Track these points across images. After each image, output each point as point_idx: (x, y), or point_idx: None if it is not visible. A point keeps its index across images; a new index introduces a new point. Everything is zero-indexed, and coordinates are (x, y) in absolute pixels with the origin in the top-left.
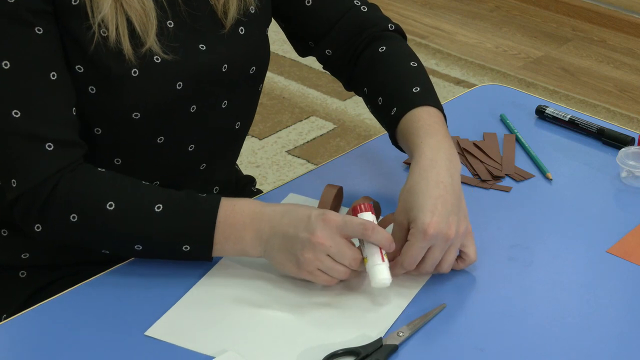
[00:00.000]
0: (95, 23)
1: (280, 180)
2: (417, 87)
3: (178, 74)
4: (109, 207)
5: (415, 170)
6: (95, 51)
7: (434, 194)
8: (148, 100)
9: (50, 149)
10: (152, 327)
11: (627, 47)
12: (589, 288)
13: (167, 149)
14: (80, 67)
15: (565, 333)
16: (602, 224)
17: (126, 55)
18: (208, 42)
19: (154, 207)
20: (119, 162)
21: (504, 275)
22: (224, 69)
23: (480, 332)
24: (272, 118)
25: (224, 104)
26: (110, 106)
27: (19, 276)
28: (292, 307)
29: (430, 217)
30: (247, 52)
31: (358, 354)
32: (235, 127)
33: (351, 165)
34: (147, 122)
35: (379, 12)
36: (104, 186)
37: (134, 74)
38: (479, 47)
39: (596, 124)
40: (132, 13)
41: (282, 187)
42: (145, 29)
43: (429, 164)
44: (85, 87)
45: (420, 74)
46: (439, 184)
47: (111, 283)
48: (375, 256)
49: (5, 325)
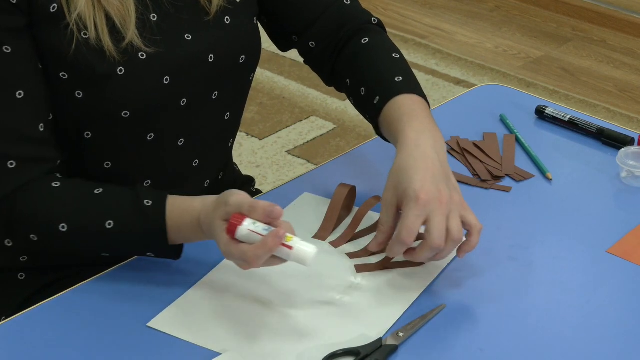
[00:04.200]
0: (72, 21)
1: (280, 180)
2: (399, 76)
3: (164, 68)
4: (62, 228)
5: (402, 151)
6: (76, 52)
7: (422, 167)
8: (136, 97)
9: (12, 166)
10: (155, 319)
11: (627, 47)
12: (589, 288)
13: (158, 146)
14: (64, 73)
15: (565, 333)
16: (602, 224)
17: (107, 52)
18: (193, 32)
19: (105, 224)
20: (108, 165)
21: (504, 275)
22: (210, 59)
23: (480, 332)
24: (272, 118)
25: (214, 95)
26: (99, 108)
27: (18, 278)
28: (292, 307)
29: (420, 185)
30: (234, 41)
31: (358, 354)
32: (225, 118)
33: (351, 165)
34: (136, 120)
35: (360, 6)
36: (56, 206)
37: (119, 72)
38: (478, 47)
39: (596, 124)
40: (110, 8)
41: (282, 187)
42: (124, 22)
43: (414, 144)
44: (72, 93)
45: (403, 65)
46: (427, 159)
47: (111, 283)
48: (281, 251)
49: (4, 326)
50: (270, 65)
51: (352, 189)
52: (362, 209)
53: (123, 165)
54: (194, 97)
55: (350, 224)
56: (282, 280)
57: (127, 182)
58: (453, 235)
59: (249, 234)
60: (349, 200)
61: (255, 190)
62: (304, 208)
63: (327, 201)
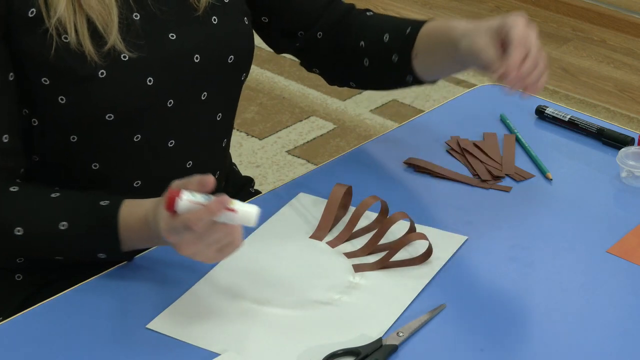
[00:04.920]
0: (52, 26)
1: (280, 180)
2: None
3: (147, 69)
4: (17, 232)
5: (469, 23)
6: (56, 56)
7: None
8: (119, 100)
9: None
10: (154, 320)
11: (627, 47)
12: (589, 288)
13: (146, 147)
14: (45, 79)
15: (565, 333)
16: (602, 224)
17: (88, 57)
18: (178, 32)
19: (59, 226)
20: (96, 166)
21: (504, 275)
22: (196, 59)
23: (480, 332)
24: (272, 118)
25: (203, 95)
26: (83, 112)
27: (15, 279)
28: (292, 307)
29: (521, 26)
30: (222, 41)
31: (358, 354)
32: (217, 119)
33: (351, 165)
34: (121, 122)
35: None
36: (12, 211)
37: (101, 75)
38: None
39: (596, 124)
40: (91, 12)
41: (282, 188)
42: (106, 26)
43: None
44: (55, 99)
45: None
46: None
47: (111, 283)
48: (226, 216)
49: (4, 326)
50: (270, 65)
51: (348, 189)
52: (360, 208)
53: (112, 166)
54: (181, 98)
55: (348, 223)
56: (281, 280)
57: (117, 184)
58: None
59: (190, 205)
60: (345, 200)
61: (255, 191)
62: (300, 208)
63: (323, 201)
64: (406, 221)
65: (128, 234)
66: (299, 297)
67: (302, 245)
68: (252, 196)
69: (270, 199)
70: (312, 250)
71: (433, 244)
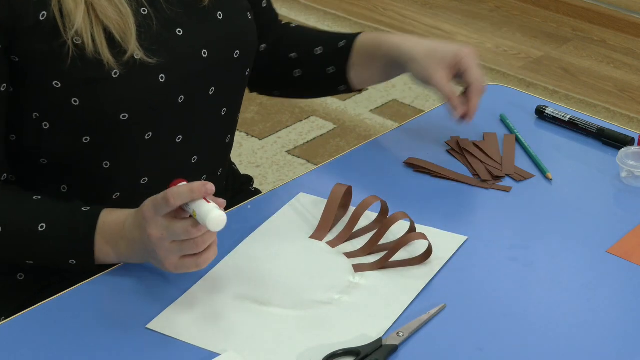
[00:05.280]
0: (70, 38)
1: (280, 180)
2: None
3: (158, 67)
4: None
5: (406, 40)
6: (72, 65)
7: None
8: (133, 99)
9: None
10: (154, 320)
11: (627, 47)
12: (589, 288)
13: (157, 144)
14: (57, 82)
15: (565, 333)
16: (602, 224)
17: (107, 65)
18: (185, 27)
19: (38, 227)
20: (107, 165)
21: (504, 275)
22: (204, 54)
23: (480, 332)
24: (272, 118)
25: (211, 90)
26: (96, 113)
27: (17, 278)
28: (292, 307)
29: (476, 68)
30: (228, 36)
31: (358, 354)
32: (222, 114)
33: (351, 165)
34: (135, 121)
35: None
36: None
37: (114, 75)
38: (479, 47)
39: (596, 124)
40: (109, 22)
41: (282, 188)
42: (124, 35)
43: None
44: (67, 100)
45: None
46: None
47: (111, 283)
48: (201, 205)
49: (4, 326)
50: None
51: (348, 189)
52: (359, 208)
53: (121, 165)
54: (191, 94)
55: (347, 223)
56: (281, 280)
57: (124, 181)
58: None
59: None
60: (345, 200)
61: (254, 190)
62: (300, 208)
63: (323, 201)
64: (406, 221)
65: (104, 237)
66: (299, 297)
67: (302, 245)
68: (252, 195)
69: (270, 199)
70: (312, 250)
71: (433, 244)
